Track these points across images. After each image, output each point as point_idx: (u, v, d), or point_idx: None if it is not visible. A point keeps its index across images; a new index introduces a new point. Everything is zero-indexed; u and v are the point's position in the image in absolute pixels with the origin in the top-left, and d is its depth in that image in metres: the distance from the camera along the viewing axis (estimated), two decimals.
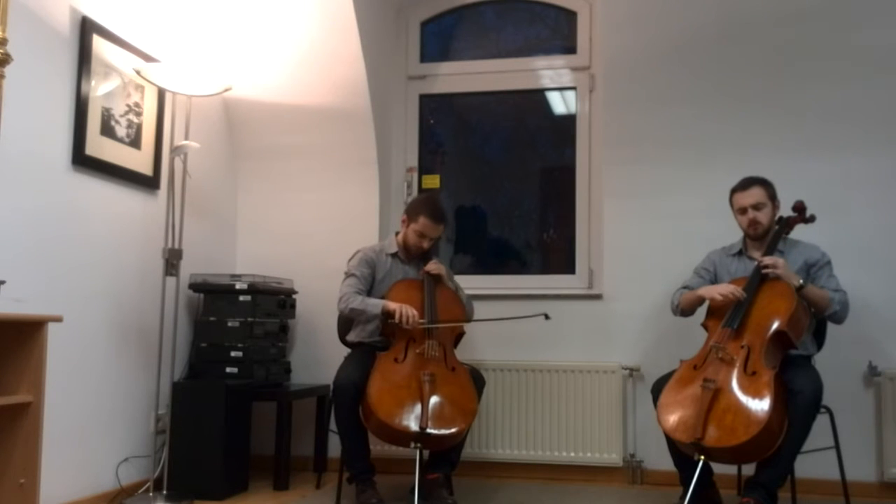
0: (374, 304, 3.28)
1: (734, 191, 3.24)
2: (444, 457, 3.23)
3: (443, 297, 3.39)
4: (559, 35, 4.40)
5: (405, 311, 3.18)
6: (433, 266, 3.42)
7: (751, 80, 3.81)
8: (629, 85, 3.95)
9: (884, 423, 3.55)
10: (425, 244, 3.44)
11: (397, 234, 3.55)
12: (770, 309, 2.93)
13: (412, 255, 3.50)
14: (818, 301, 3.04)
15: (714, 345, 2.92)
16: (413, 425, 2.97)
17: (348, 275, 3.41)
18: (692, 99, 3.88)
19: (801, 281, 2.99)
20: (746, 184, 3.20)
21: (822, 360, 3.18)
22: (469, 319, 3.53)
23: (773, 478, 2.83)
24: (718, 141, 3.85)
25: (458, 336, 3.42)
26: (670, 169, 3.90)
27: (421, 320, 3.21)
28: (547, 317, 3.41)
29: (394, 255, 3.51)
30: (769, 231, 3.21)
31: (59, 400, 2.92)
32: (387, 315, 3.23)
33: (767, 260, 3.01)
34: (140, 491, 3.33)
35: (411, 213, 3.46)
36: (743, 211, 3.19)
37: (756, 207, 3.16)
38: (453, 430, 3.05)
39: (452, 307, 3.40)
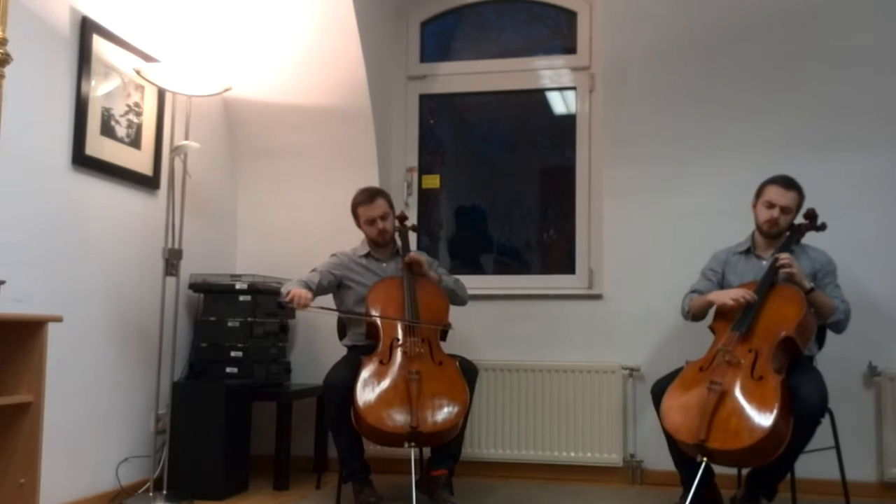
0: (286, 286, 3.24)
1: (772, 182, 3.12)
2: (444, 451, 3.21)
3: (423, 293, 3.34)
4: (559, 35, 4.40)
5: (295, 291, 3.13)
6: (412, 255, 3.40)
7: (751, 79, 3.81)
8: (629, 85, 3.95)
9: (884, 423, 3.55)
10: (381, 224, 3.44)
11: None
12: (780, 315, 2.91)
13: (383, 246, 3.50)
14: (824, 307, 3.02)
15: (722, 347, 2.89)
16: (404, 426, 2.95)
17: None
18: (692, 98, 3.87)
19: (812, 285, 2.97)
20: (787, 184, 3.10)
21: (822, 360, 3.18)
22: (464, 303, 3.56)
23: (770, 475, 2.86)
24: (718, 140, 3.85)
25: (445, 329, 3.37)
26: (670, 168, 3.90)
27: (313, 306, 3.17)
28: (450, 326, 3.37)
29: (367, 256, 3.51)
30: (781, 235, 3.18)
31: (59, 400, 2.92)
32: (281, 297, 3.18)
33: (783, 257, 2.97)
34: (140, 491, 3.33)
35: (352, 212, 3.50)
36: (771, 206, 3.10)
37: (784, 211, 3.09)
38: (446, 424, 3.02)
39: (434, 301, 3.36)
